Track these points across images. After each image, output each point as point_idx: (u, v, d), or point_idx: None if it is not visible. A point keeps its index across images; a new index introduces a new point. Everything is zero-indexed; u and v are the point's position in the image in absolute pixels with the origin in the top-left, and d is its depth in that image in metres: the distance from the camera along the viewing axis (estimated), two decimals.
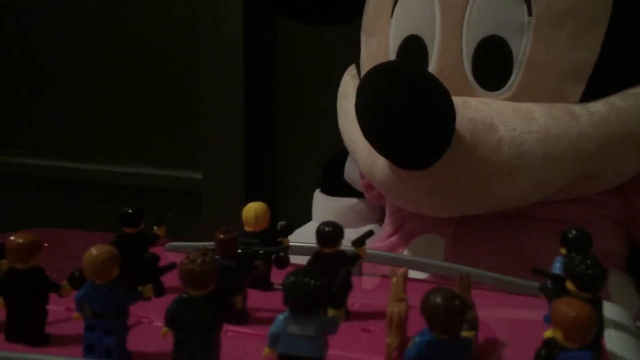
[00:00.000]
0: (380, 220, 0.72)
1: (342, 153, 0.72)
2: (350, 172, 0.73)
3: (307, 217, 0.78)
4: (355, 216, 0.75)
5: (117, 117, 1.04)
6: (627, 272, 0.59)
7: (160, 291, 0.35)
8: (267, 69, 0.95)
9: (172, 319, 0.28)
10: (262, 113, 0.96)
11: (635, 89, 0.51)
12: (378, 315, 0.34)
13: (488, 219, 0.56)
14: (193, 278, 0.27)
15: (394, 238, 0.62)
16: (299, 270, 0.26)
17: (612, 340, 0.34)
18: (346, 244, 0.37)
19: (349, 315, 0.36)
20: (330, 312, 0.27)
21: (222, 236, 0.33)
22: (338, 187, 0.75)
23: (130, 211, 0.37)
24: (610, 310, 0.37)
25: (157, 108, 1.02)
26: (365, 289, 0.44)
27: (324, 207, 0.77)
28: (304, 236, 0.47)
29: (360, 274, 0.45)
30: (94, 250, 0.28)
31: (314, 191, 0.78)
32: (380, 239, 0.64)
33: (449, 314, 0.23)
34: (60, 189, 1.08)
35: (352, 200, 0.74)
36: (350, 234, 0.75)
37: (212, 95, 0.94)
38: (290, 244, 0.40)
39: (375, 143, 0.49)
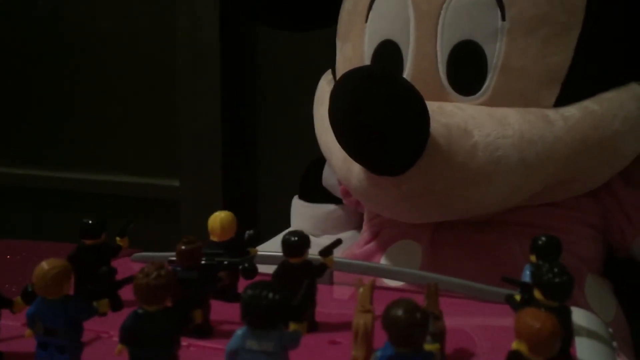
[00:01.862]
0: (359, 227, 0.71)
1: (321, 159, 0.71)
2: (329, 178, 0.73)
3: (286, 224, 0.77)
4: (334, 222, 0.74)
5: (94, 126, 1.03)
6: (604, 276, 0.59)
7: (117, 305, 0.34)
8: (245, 76, 0.95)
9: (127, 336, 0.26)
10: (240, 120, 0.95)
11: (609, 93, 0.51)
12: (347, 326, 0.34)
13: (465, 225, 0.56)
14: (147, 293, 0.26)
15: (372, 244, 0.62)
16: (258, 283, 0.25)
17: (583, 348, 0.33)
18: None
19: (317, 327, 0.35)
20: (292, 326, 0.26)
21: (183, 247, 0.32)
22: (316, 193, 0.75)
23: (90, 222, 0.35)
24: (582, 317, 0.36)
25: (135, 116, 1.01)
26: (336, 299, 0.43)
27: (303, 213, 0.76)
28: None
29: (331, 282, 0.44)
30: (44, 265, 0.27)
31: (292, 198, 0.78)
32: (358, 246, 0.64)
33: (410, 327, 0.23)
34: (36, 198, 1.06)
35: (331, 207, 0.74)
36: (329, 241, 0.75)
37: (189, 103, 0.93)
38: (259, 253, 0.39)
39: (349, 149, 0.49)
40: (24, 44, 1.04)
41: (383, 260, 0.60)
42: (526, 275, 0.33)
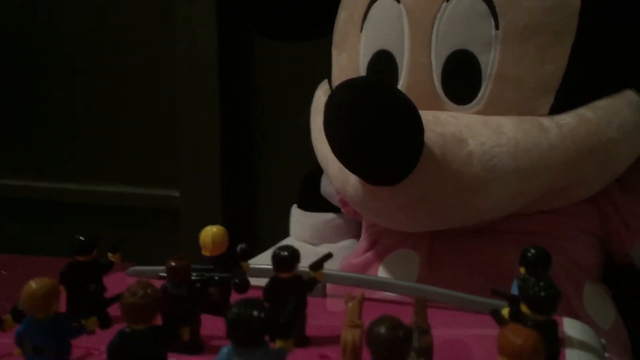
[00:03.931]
0: (357, 235, 0.71)
1: (319, 168, 0.71)
2: (327, 187, 0.73)
3: (285, 233, 0.77)
4: (333, 231, 0.74)
5: (93, 136, 1.03)
6: (603, 283, 0.59)
7: (106, 323, 0.34)
8: (244, 85, 0.95)
9: (114, 355, 0.27)
10: (239, 130, 0.96)
11: (603, 101, 0.51)
12: (339, 340, 0.34)
13: (462, 234, 0.56)
14: (134, 311, 0.26)
15: (369, 254, 0.62)
16: (243, 301, 0.25)
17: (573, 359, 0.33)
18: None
19: (308, 341, 0.35)
20: (278, 343, 0.26)
21: (172, 263, 0.32)
22: (315, 202, 0.75)
23: (82, 238, 0.35)
24: (573, 328, 0.36)
25: (134, 126, 1.01)
26: (329, 312, 0.43)
27: (301, 222, 0.76)
28: None
29: (324, 295, 0.44)
30: (32, 284, 0.28)
31: (291, 207, 0.78)
32: (355, 255, 0.64)
33: (393, 344, 0.23)
34: (35, 209, 1.07)
35: (329, 216, 0.74)
36: (328, 249, 0.74)
37: (188, 113, 0.93)
38: (251, 266, 0.39)
39: (343, 159, 0.49)
40: (20, 53, 1.05)
41: (380, 270, 0.59)
42: (515, 288, 0.33)
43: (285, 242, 0.75)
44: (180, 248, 0.91)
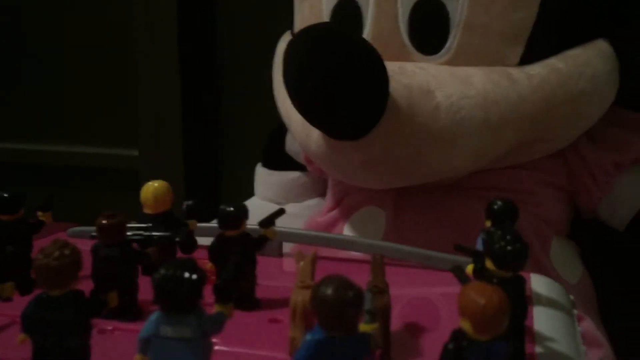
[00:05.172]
0: (324, 194, 0.69)
1: (284, 126, 0.68)
2: (292, 144, 0.70)
3: (250, 193, 0.75)
4: (299, 190, 0.72)
5: (49, 94, 0.99)
6: (570, 239, 0.58)
7: (27, 289, 0.31)
8: (205, 40, 0.91)
9: (29, 324, 0.24)
10: (201, 87, 0.92)
11: (574, 50, 0.50)
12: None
13: (429, 190, 0.55)
14: (49, 275, 0.23)
15: (335, 212, 0.60)
16: (173, 261, 0.22)
17: (541, 317, 0.31)
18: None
19: (257, 304, 0.32)
20: (216, 308, 0.24)
21: (103, 222, 0.29)
22: (280, 160, 0.72)
23: (5, 195, 0.32)
24: (541, 284, 0.35)
25: (91, 84, 0.97)
26: (284, 272, 0.40)
27: (266, 181, 0.74)
28: None
29: (280, 254, 0.42)
30: None
31: (256, 166, 0.75)
32: (321, 213, 0.62)
33: (341, 307, 0.20)
34: None
35: (295, 174, 0.72)
36: (294, 209, 0.72)
37: (147, 70, 0.89)
38: (198, 225, 0.36)
39: (304, 112, 0.46)
40: None
41: (346, 228, 0.58)
42: (480, 243, 0.31)
43: (250, 201, 0.73)
44: (140, 209, 0.88)
